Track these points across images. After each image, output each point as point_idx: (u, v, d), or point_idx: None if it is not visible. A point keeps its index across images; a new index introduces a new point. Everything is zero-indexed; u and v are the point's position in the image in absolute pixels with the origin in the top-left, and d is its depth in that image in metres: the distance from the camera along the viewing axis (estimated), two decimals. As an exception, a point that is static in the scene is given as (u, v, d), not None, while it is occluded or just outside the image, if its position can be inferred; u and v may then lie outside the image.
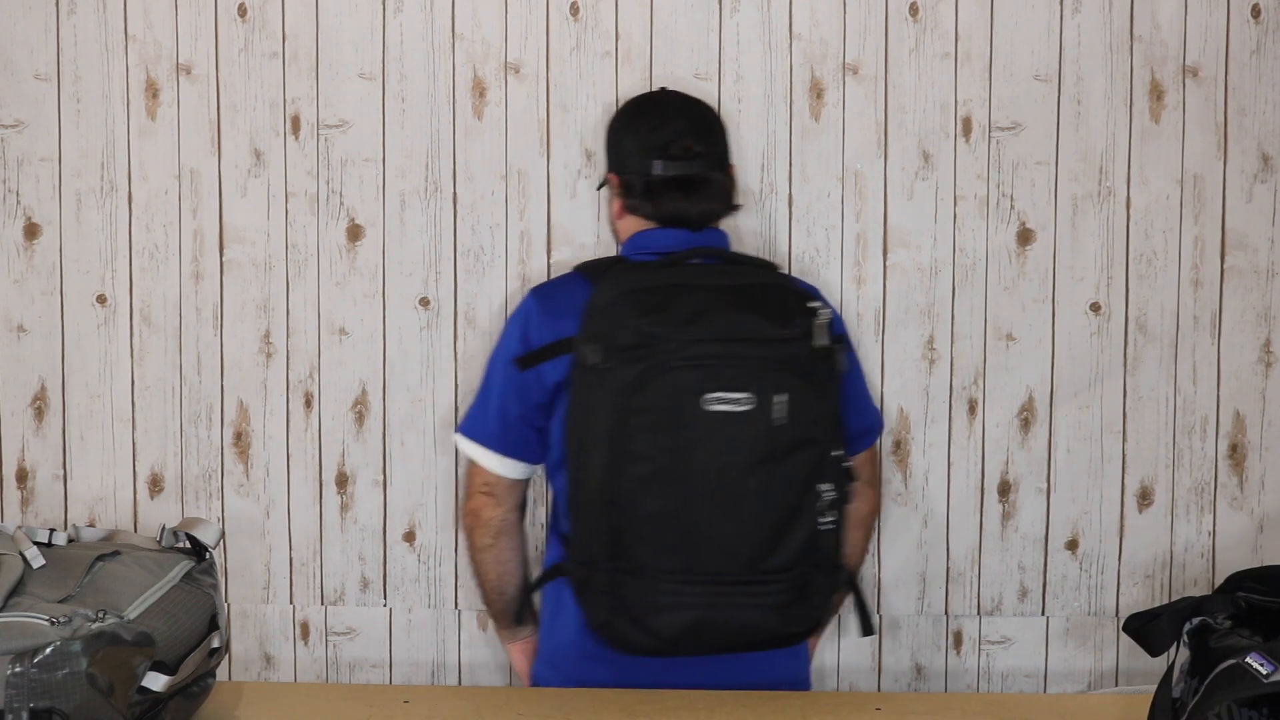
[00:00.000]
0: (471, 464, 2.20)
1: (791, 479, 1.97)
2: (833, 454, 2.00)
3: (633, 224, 2.19)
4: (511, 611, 2.23)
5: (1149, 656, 1.63)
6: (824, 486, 1.98)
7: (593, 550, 2.00)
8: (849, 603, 2.22)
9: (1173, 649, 1.60)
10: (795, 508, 1.98)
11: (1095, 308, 2.46)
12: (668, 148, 2.15)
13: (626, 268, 2.10)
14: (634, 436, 1.96)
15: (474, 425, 2.19)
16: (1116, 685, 2.48)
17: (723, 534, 1.97)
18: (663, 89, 2.32)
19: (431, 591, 2.52)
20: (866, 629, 2.14)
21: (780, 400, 1.96)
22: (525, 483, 2.21)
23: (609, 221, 2.29)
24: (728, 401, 1.95)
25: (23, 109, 2.48)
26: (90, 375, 2.51)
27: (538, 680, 2.20)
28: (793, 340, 1.99)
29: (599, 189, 2.40)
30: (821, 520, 1.99)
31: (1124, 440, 2.48)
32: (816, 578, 2.01)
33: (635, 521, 1.98)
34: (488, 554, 2.20)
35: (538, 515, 2.49)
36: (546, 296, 2.16)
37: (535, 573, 2.24)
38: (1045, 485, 2.48)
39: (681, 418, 1.96)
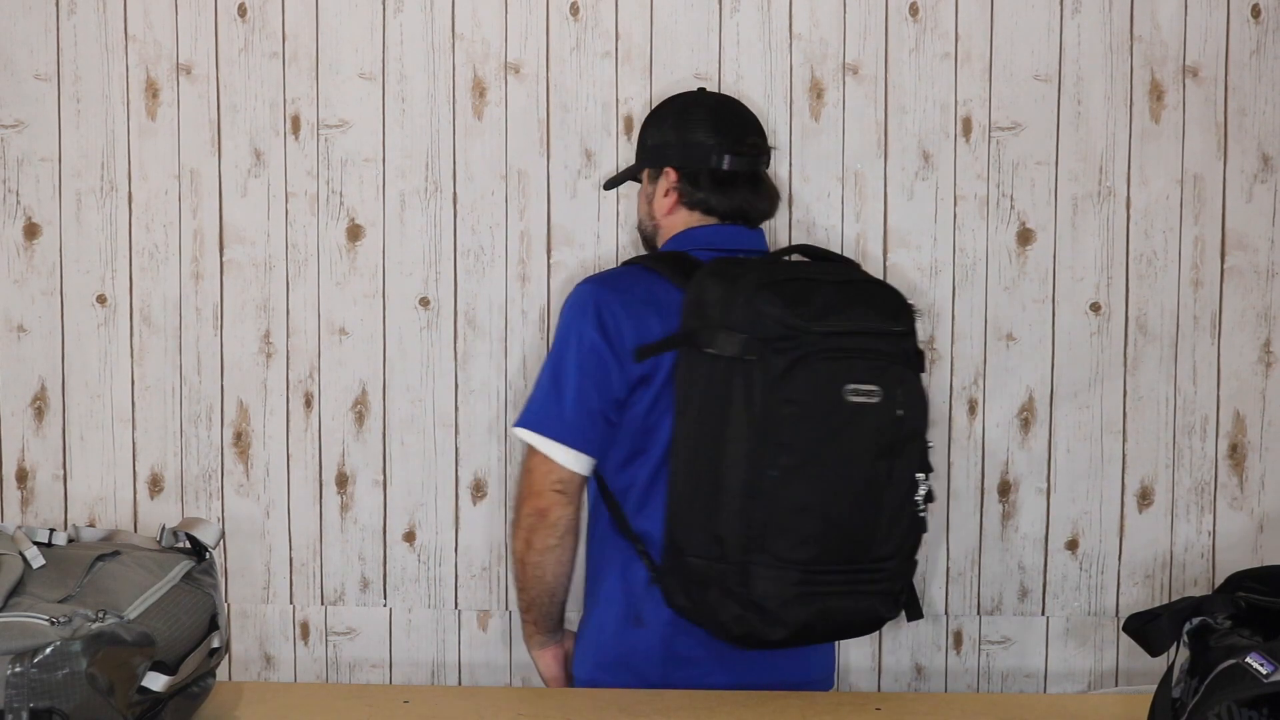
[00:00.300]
0: (538, 461, 2.07)
1: (907, 469, 2.03)
2: (928, 445, 2.08)
3: (684, 218, 2.16)
4: (558, 615, 2.15)
5: (1149, 656, 1.63)
6: (921, 476, 2.05)
7: (725, 544, 1.99)
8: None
9: (1173, 649, 1.60)
10: (905, 497, 2.03)
11: (1095, 308, 2.46)
12: (740, 143, 2.17)
13: (732, 262, 2.09)
14: (782, 427, 1.98)
15: (545, 420, 2.08)
16: (1116, 685, 2.48)
17: (854, 524, 2.00)
18: (702, 90, 2.28)
19: (431, 591, 2.52)
20: (917, 613, 2.15)
21: (901, 393, 2.01)
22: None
23: (645, 215, 2.20)
24: (862, 394, 1.99)
25: (23, 109, 2.48)
26: (90, 375, 2.51)
27: (594, 684, 2.11)
28: (904, 335, 2.05)
29: (617, 183, 2.28)
30: (919, 509, 2.05)
31: (1124, 440, 2.48)
32: (907, 565, 2.07)
33: (778, 512, 1.99)
34: (550, 555, 2.08)
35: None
36: (622, 290, 2.09)
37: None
38: (1045, 485, 2.48)
39: (826, 409, 1.99)
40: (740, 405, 1.99)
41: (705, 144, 2.19)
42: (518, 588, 2.11)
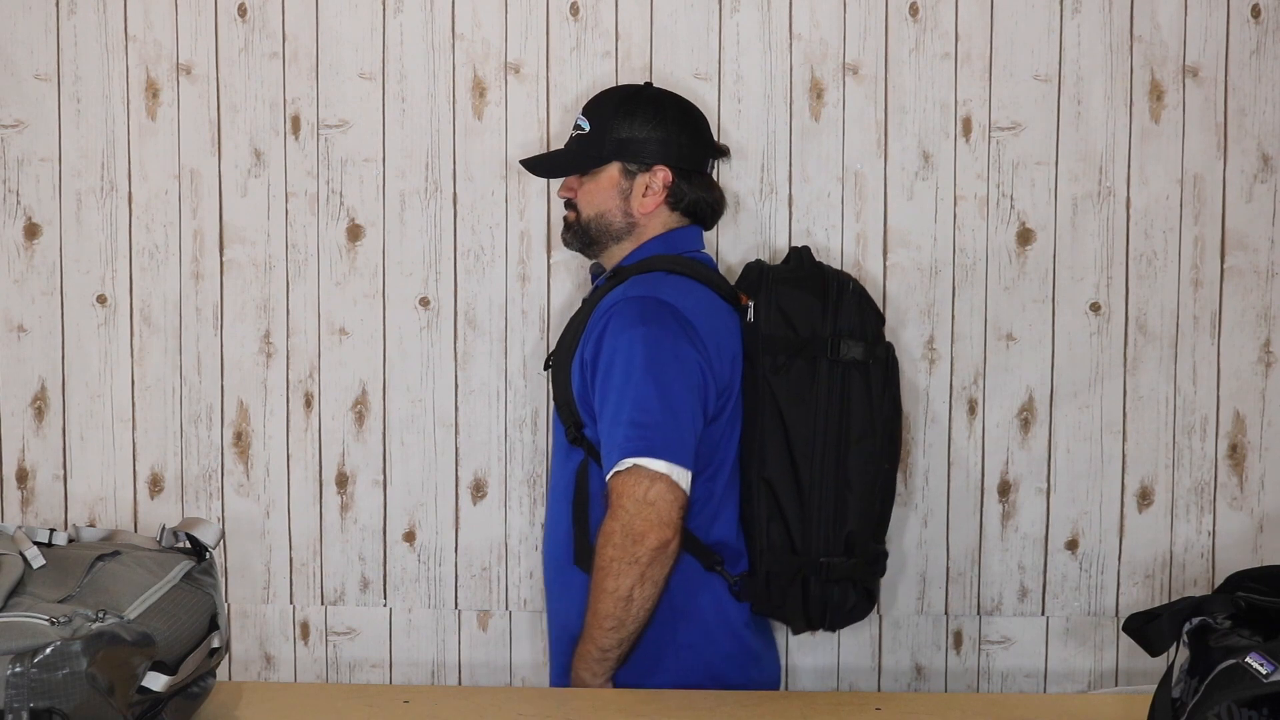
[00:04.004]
0: (664, 489, 1.98)
1: None
2: None
3: (664, 219, 2.19)
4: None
5: (1149, 656, 1.63)
6: None
7: (855, 539, 2.11)
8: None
9: (1173, 649, 1.60)
10: None
11: (1095, 308, 2.46)
12: (714, 144, 2.27)
13: (786, 269, 2.21)
14: (894, 424, 2.17)
15: (670, 445, 2.00)
16: (1116, 685, 2.48)
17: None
18: (649, 84, 2.29)
19: (431, 591, 2.52)
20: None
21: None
22: None
23: (615, 210, 2.17)
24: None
25: (23, 109, 2.48)
26: (90, 375, 2.51)
27: None
28: None
29: (562, 172, 2.23)
30: None
31: (1124, 440, 2.48)
32: None
33: (889, 505, 2.19)
34: (659, 588, 2.02)
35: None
36: (694, 303, 2.08)
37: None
38: (1045, 485, 2.48)
39: (901, 403, 2.22)
40: (863, 406, 2.11)
41: (697, 144, 2.21)
42: (610, 627, 2.00)
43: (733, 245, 2.46)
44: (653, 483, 1.99)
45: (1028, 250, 2.46)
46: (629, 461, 1.99)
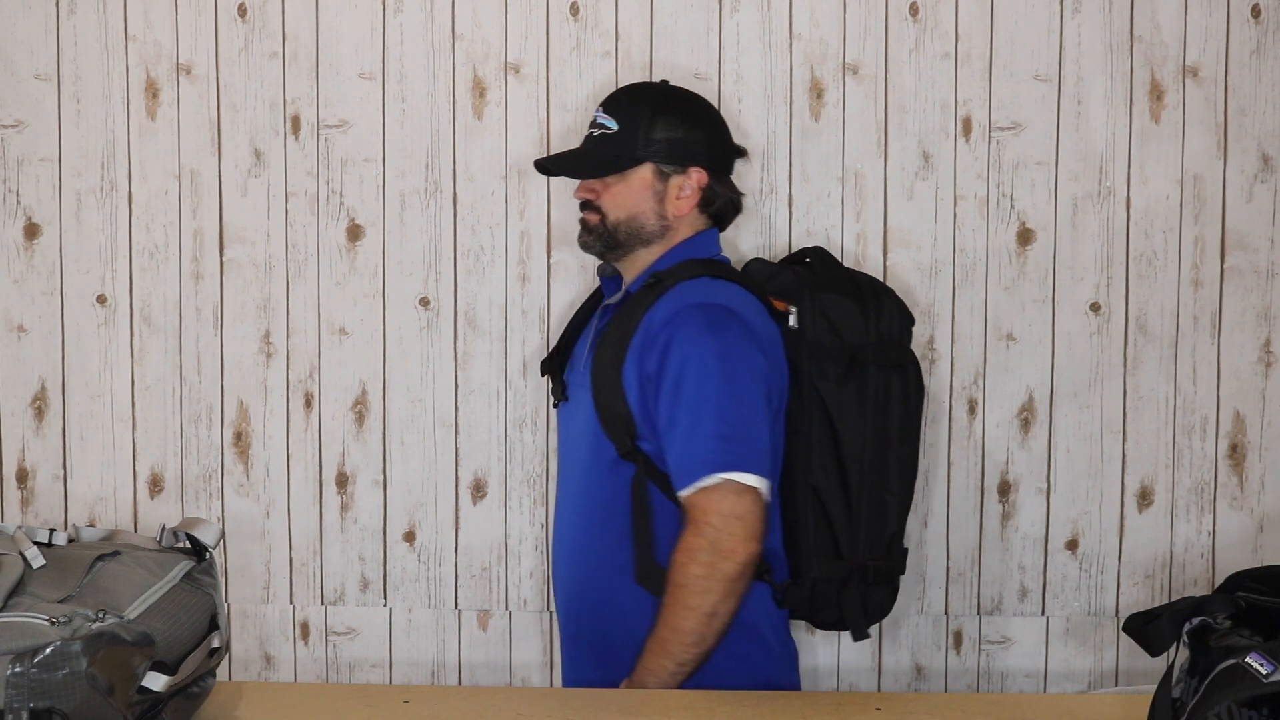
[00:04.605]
0: (755, 503, 1.97)
1: None
2: None
3: (693, 221, 2.15)
4: None
5: (1149, 656, 1.63)
6: None
7: (893, 541, 2.16)
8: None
9: (1173, 649, 1.60)
10: None
11: (1095, 308, 2.46)
12: (737, 145, 2.26)
13: (811, 272, 2.20)
14: (921, 425, 2.23)
15: (755, 459, 1.98)
16: (1116, 685, 2.48)
17: None
18: (666, 82, 2.26)
19: (431, 591, 2.52)
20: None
21: None
22: None
23: (649, 212, 2.12)
24: None
25: (23, 109, 2.48)
26: (90, 375, 2.51)
27: None
28: None
29: (602, 172, 2.15)
30: None
31: (1124, 440, 2.48)
32: None
33: (910, 502, 2.22)
34: (740, 601, 2.01)
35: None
36: (754, 312, 2.08)
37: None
38: (1045, 485, 2.48)
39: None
40: (901, 409, 2.14)
41: (727, 145, 2.22)
42: (691, 643, 1.97)
43: (733, 245, 2.45)
44: (739, 497, 1.96)
45: (1028, 250, 2.46)
46: (718, 476, 1.95)
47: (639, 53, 2.45)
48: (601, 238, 2.14)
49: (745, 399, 1.99)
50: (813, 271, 2.20)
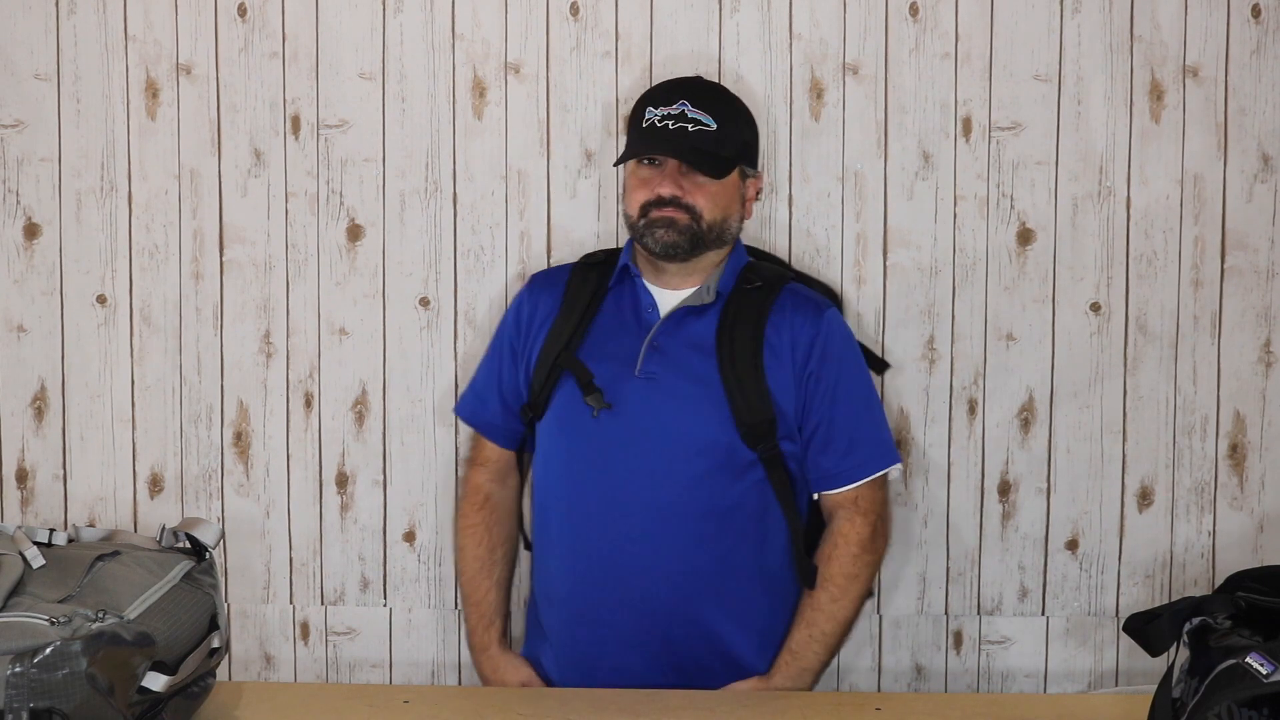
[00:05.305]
0: (889, 491, 2.25)
1: None
2: None
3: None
4: None
5: (1149, 656, 1.63)
6: None
7: None
8: None
9: (1173, 649, 1.60)
10: None
11: (1095, 308, 2.46)
12: None
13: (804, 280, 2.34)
14: None
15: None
16: (1116, 685, 2.48)
17: None
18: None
19: (431, 591, 2.52)
20: None
21: None
22: None
23: (734, 215, 2.18)
24: None
25: (23, 109, 2.48)
26: (90, 375, 2.51)
27: None
28: None
29: (723, 172, 2.16)
30: None
31: (1124, 440, 2.48)
32: None
33: None
34: None
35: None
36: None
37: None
38: (1045, 485, 2.48)
39: None
40: None
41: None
42: (847, 632, 2.18)
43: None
44: (885, 488, 2.20)
45: (1028, 250, 2.46)
46: (898, 467, 2.19)
47: (639, 53, 2.45)
48: (691, 236, 2.11)
49: (876, 395, 2.23)
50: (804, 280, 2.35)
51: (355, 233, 2.49)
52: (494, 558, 2.31)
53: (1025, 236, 2.45)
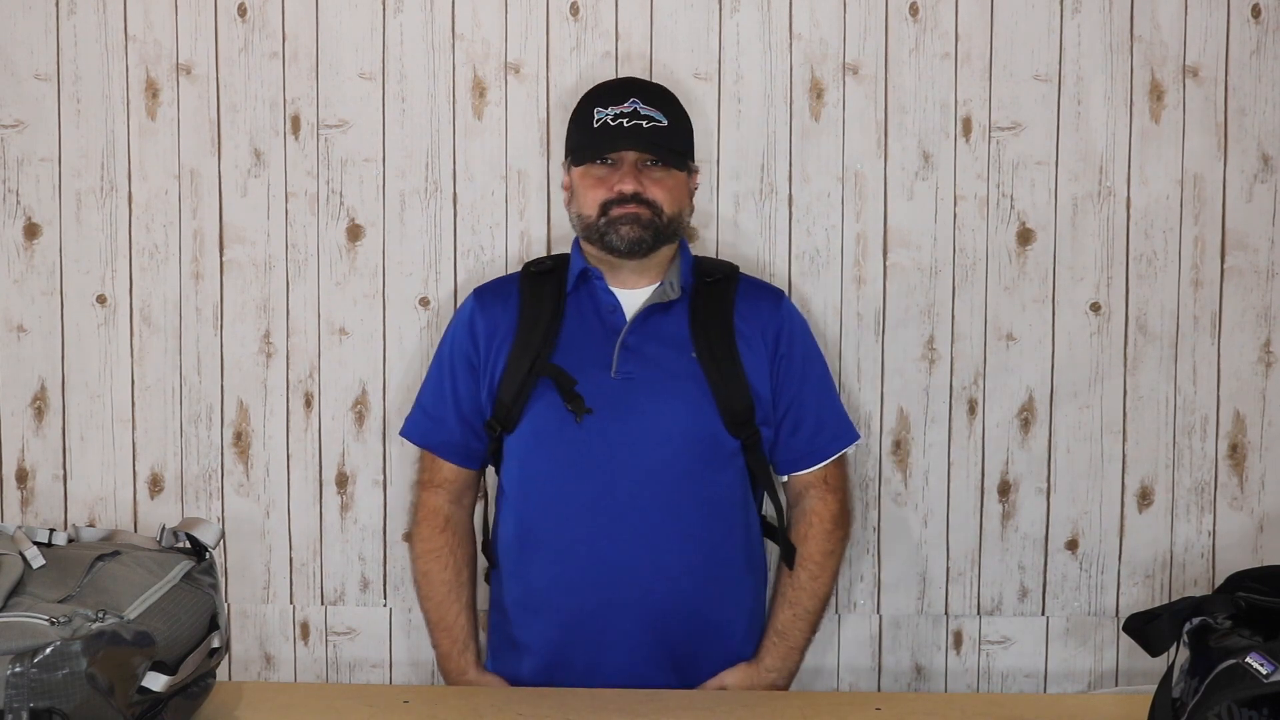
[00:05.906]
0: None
1: None
2: None
3: None
4: None
5: (1149, 656, 1.63)
6: None
7: None
8: None
9: (1173, 649, 1.60)
10: None
11: (1095, 308, 2.46)
12: None
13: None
14: None
15: None
16: (1116, 685, 2.48)
17: None
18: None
19: (431, 591, 2.52)
20: None
21: None
22: None
23: (686, 209, 2.21)
24: None
25: (23, 109, 2.48)
26: (90, 375, 2.51)
27: None
28: None
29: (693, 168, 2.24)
30: None
31: (1124, 440, 2.48)
32: None
33: None
34: None
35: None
36: None
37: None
38: (1045, 485, 2.48)
39: None
40: None
41: None
42: (815, 622, 2.22)
43: (734, 247, 2.46)
44: (848, 462, 2.27)
45: (1028, 250, 2.46)
46: (850, 446, 2.23)
47: (639, 53, 2.46)
48: (655, 231, 2.12)
49: (831, 375, 2.28)
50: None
51: (355, 233, 2.49)
52: (460, 580, 2.22)
53: (1025, 236, 2.45)
